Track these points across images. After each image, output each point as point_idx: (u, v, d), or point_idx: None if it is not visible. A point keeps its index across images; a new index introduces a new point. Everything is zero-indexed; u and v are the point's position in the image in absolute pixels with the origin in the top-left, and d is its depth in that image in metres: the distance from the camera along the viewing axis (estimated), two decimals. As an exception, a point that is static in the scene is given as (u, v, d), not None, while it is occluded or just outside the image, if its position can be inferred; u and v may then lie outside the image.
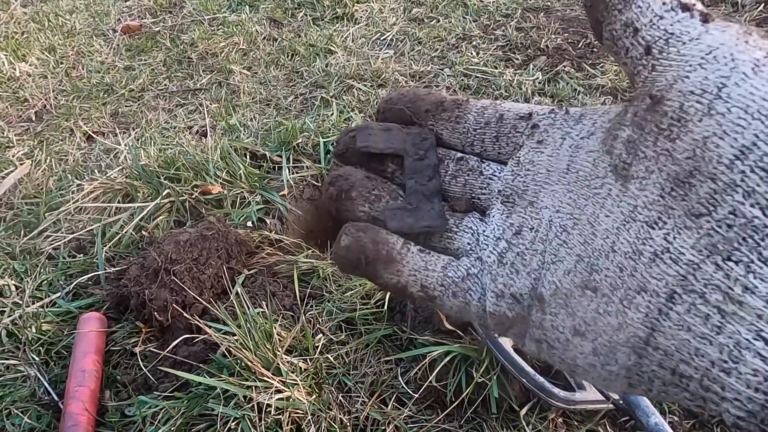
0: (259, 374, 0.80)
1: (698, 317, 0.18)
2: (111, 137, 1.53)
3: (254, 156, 1.33)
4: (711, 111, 0.18)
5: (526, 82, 1.52)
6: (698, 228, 0.19)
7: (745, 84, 0.18)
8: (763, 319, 0.17)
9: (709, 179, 0.18)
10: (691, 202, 0.19)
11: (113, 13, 2.22)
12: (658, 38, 0.21)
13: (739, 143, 0.18)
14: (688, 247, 0.19)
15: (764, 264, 0.17)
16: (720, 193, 0.18)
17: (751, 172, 0.18)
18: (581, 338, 0.22)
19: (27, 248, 1.16)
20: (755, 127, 0.18)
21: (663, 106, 0.20)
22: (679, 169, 0.19)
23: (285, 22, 2.02)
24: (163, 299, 0.93)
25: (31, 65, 1.91)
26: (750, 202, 0.18)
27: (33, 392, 0.89)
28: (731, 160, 0.18)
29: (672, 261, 0.19)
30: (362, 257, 0.26)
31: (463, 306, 0.25)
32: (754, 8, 1.70)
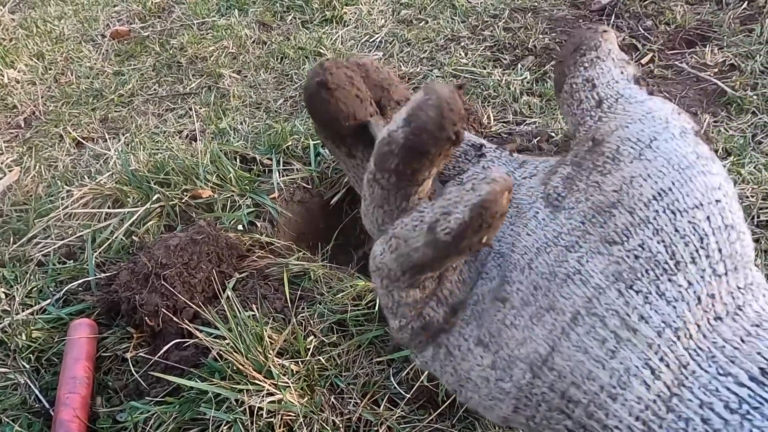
0: (251, 377, 0.80)
1: (596, 340, 0.19)
2: (100, 143, 1.53)
3: (244, 159, 1.33)
4: (641, 156, 0.21)
5: (515, 82, 1.53)
6: (609, 255, 0.20)
7: (672, 141, 0.21)
8: (652, 349, 0.19)
9: (627, 212, 0.20)
10: (608, 230, 0.21)
11: (102, 18, 2.21)
12: (610, 96, 0.24)
13: (658, 186, 0.20)
14: (598, 271, 0.20)
15: (660, 297, 0.19)
16: (634, 227, 0.20)
17: (663, 213, 0.20)
18: (483, 349, 0.22)
19: (16, 255, 1.15)
20: (673, 176, 0.20)
21: (602, 147, 0.22)
22: (603, 199, 0.21)
23: (274, 25, 2.02)
24: (153, 304, 0.92)
25: (20, 71, 1.91)
26: (657, 239, 0.20)
27: (24, 400, 0.88)
28: (649, 199, 0.20)
29: (581, 282, 0.20)
30: None
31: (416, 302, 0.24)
32: (738, 6, 1.71)
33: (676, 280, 0.19)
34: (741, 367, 0.18)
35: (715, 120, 1.34)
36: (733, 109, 1.37)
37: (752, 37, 1.58)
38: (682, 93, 1.44)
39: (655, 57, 1.59)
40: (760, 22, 1.62)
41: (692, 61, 1.55)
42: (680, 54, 1.60)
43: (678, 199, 0.20)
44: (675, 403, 0.18)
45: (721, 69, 1.51)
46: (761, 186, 1.14)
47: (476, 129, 1.29)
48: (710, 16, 1.71)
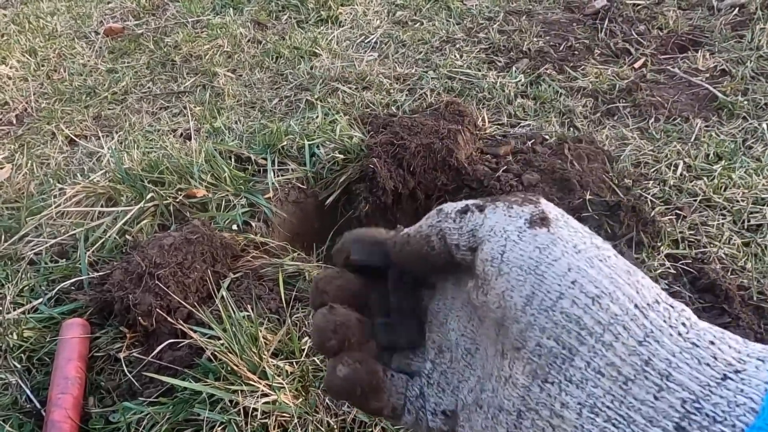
0: (245, 378, 0.79)
1: (538, 430, 0.22)
2: (94, 140, 1.52)
3: (239, 159, 1.33)
4: (501, 272, 0.24)
5: (509, 85, 1.54)
6: (522, 358, 0.23)
7: (516, 248, 0.24)
8: (578, 429, 0.21)
9: (515, 322, 0.23)
10: (511, 339, 0.24)
11: (95, 15, 2.20)
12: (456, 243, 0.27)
13: (524, 294, 0.23)
14: (520, 373, 0.23)
15: (569, 383, 0.22)
16: (525, 331, 0.23)
17: (538, 314, 0.22)
18: None
19: (8, 253, 1.14)
20: (530, 280, 0.23)
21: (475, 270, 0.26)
22: (495, 316, 0.24)
23: (269, 24, 2.02)
24: (147, 304, 0.92)
25: (12, 68, 1.89)
26: (546, 335, 0.22)
27: (15, 400, 0.87)
28: (523, 306, 0.23)
29: (513, 385, 0.23)
30: (359, 387, 0.29)
31: (415, 421, 0.29)
32: (730, 12, 1.73)
33: (576, 363, 0.22)
34: (659, 426, 0.20)
35: (706, 125, 1.36)
36: (725, 114, 1.38)
37: (743, 42, 1.60)
38: (674, 97, 1.45)
39: (648, 61, 1.61)
40: (750, 28, 1.64)
41: (684, 66, 1.56)
42: (672, 59, 1.62)
43: (543, 299, 0.22)
44: None
45: (712, 74, 1.53)
46: (751, 190, 1.15)
47: (471, 131, 1.29)
48: (702, 22, 1.73)
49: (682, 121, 1.37)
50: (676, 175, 1.22)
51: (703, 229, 1.09)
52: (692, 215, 1.12)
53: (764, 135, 1.29)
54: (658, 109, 1.42)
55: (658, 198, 1.17)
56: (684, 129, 1.34)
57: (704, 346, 0.21)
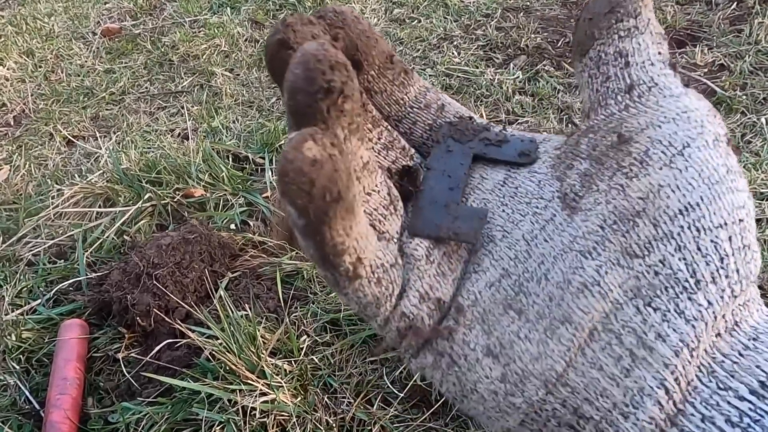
0: (244, 377, 0.79)
1: (611, 357, 0.19)
2: (91, 141, 1.52)
3: (237, 158, 1.33)
4: (672, 163, 0.20)
5: (507, 81, 1.54)
6: (629, 268, 0.19)
7: (705, 150, 0.20)
8: (668, 368, 0.18)
9: (652, 224, 0.19)
10: (630, 241, 0.19)
11: (93, 15, 2.19)
12: (643, 82, 0.22)
13: (686, 200, 0.19)
14: (617, 285, 0.19)
15: (679, 315, 0.18)
16: (657, 240, 0.19)
17: (687, 229, 0.19)
18: (493, 360, 0.20)
19: (6, 255, 1.14)
20: (702, 191, 0.19)
21: (629, 147, 0.21)
22: (627, 206, 0.20)
23: (267, 23, 2.02)
24: (145, 304, 0.92)
25: (9, 69, 1.89)
26: (679, 255, 0.19)
27: (13, 401, 0.87)
28: (675, 213, 0.19)
29: (600, 296, 0.19)
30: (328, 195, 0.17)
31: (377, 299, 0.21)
32: (728, 6, 1.73)
33: (696, 299, 0.19)
34: (741, 381, 0.18)
35: (705, 120, 1.35)
36: (723, 109, 1.38)
37: (741, 37, 1.59)
38: (673, 93, 1.45)
39: (647, 57, 1.60)
40: (749, 22, 1.63)
41: (682, 61, 1.56)
42: (671, 54, 1.61)
43: (704, 216, 0.19)
44: (679, 419, 0.18)
45: (710, 69, 1.52)
46: (750, 185, 1.15)
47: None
48: (700, 17, 1.72)
49: (680, 117, 1.37)
50: (674, 170, 1.21)
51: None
52: (691, 211, 1.12)
53: (763, 130, 1.29)
54: (657, 104, 1.41)
55: (656, 194, 1.16)
56: (682, 124, 1.34)
57: None
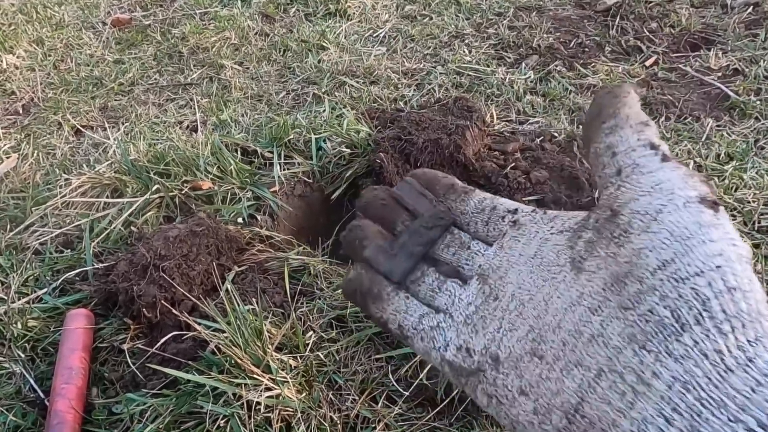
0: (249, 372, 0.79)
1: (617, 393, 0.22)
2: (100, 131, 1.51)
3: (245, 152, 1.32)
4: (648, 229, 0.24)
5: (518, 81, 1.53)
6: (625, 319, 0.23)
7: (675, 213, 0.24)
8: (664, 400, 0.21)
9: (637, 281, 0.23)
10: (623, 298, 0.23)
11: (103, 5, 2.19)
12: (627, 165, 0.27)
13: (662, 257, 0.23)
14: (616, 333, 0.23)
15: (669, 356, 0.22)
16: (644, 294, 0.23)
17: (667, 281, 0.22)
18: (525, 398, 0.26)
19: (13, 243, 1.14)
20: (675, 247, 0.23)
21: (618, 219, 0.25)
22: (618, 270, 0.24)
23: (277, 17, 2.01)
24: (151, 295, 0.92)
25: (19, 57, 1.89)
26: (663, 304, 0.22)
27: (18, 389, 0.87)
28: (654, 269, 0.23)
29: (603, 344, 0.23)
30: (358, 290, 0.33)
31: (428, 349, 0.31)
32: (743, 10, 1.71)
33: (683, 340, 0.21)
34: (751, 415, 0.19)
35: (718, 124, 1.34)
36: (737, 113, 1.36)
37: (757, 42, 1.58)
38: (686, 96, 1.43)
39: (660, 59, 1.59)
40: (765, 27, 1.62)
41: (696, 65, 1.54)
42: (684, 57, 1.60)
43: (680, 269, 0.22)
44: None
45: (725, 73, 1.51)
46: (763, 191, 1.14)
47: (479, 127, 1.28)
48: (715, 20, 1.71)
49: (693, 121, 1.36)
50: (686, 174, 1.20)
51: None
52: (702, 215, 1.11)
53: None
54: (669, 107, 1.40)
55: (667, 198, 1.15)
56: (695, 128, 1.33)
57: None
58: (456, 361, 0.29)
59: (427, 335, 0.31)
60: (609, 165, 0.27)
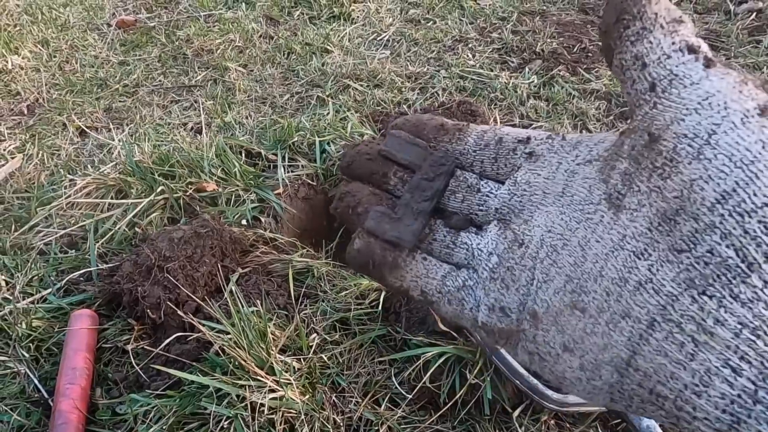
0: (253, 373, 0.79)
1: (674, 344, 0.20)
2: (104, 132, 1.52)
3: (249, 154, 1.33)
4: (700, 155, 0.20)
5: (522, 86, 1.53)
6: (679, 263, 0.20)
7: (732, 133, 0.20)
8: (730, 349, 0.19)
9: (692, 219, 0.20)
10: (675, 238, 0.21)
11: (108, 7, 2.20)
12: (663, 77, 0.22)
13: (721, 188, 0.20)
14: (669, 279, 0.21)
15: (734, 300, 0.19)
16: (701, 233, 0.20)
17: (729, 216, 0.19)
18: (570, 354, 0.24)
19: (18, 243, 1.15)
20: (736, 174, 0.19)
21: (659, 145, 0.21)
22: (667, 207, 0.21)
23: (281, 20, 2.02)
24: (156, 296, 0.92)
25: (24, 58, 1.89)
26: (726, 243, 0.19)
27: (23, 389, 0.88)
28: (713, 203, 0.20)
29: (654, 291, 0.21)
30: (371, 261, 0.29)
31: (457, 313, 0.28)
32: (747, 17, 1.72)
33: (750, 281, 0.19)
34: None
35: (721, 130, 1.34)
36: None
37: (760, 48, 1.58)
38: (689, 102, 1.44)
39: (663, 65, 1.59)
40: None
41: (699, 71, 1.55)
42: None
43: (744, 200, 0.19)
44: (762, 396, 0.18)
45: (728, 79, 1.51)
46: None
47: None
48: (718, 26, 1.71)
49: (696, 126, 1.36)
50: (689, 180, 1.21)
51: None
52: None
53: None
54: (672, 113, 1.40)
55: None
56: (698, 134, 1.33)
57: None
58: (491, 322, 0.26)
59: (455, 297, 0.28)
60: (639, 79, 0.23)
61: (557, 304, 0.24)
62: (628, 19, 0.23)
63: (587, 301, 0.23)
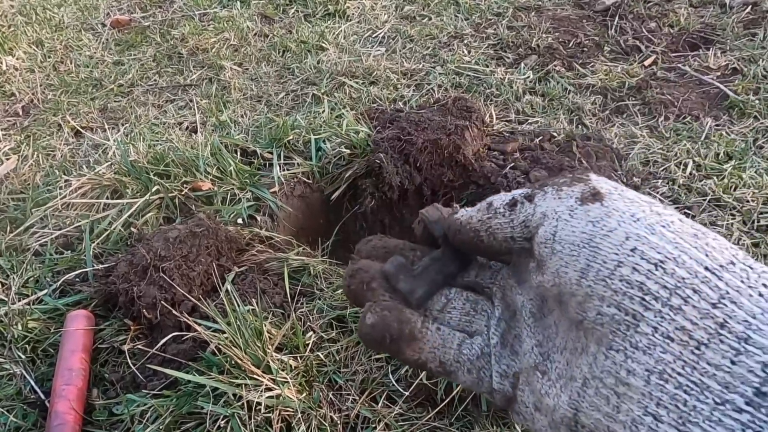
0: (249, 372, 0.79)
1: (602, 398, 0.22)
2: (99, 132, 1.52)
3: (245, 153, 1.32)
4: (553, 251, 0.24)
5: (517, 81, 1.53)
6: (585, 329, 0.23)
7: (567, 226, 0.24)
8: (646, 397, 0.20)
9: (571, 296, 0.23)
10: (571, 314, 0.23)
11: (102, 6, 2.19)
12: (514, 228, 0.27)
13: (578, 267, 0.23)
14: (590, 342, 0.23)
15: (636, 349, 0.21)
16: (583, 303, 0.23)
17: (595, 284, 0.22)
18: (540, 414, 0.26)
19: (13, 244, 1.14)
20: (584, 254, 0.23)
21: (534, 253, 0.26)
22: (553, 295, 0.24)
23: (276, 18, 2.01)
24: (151, 296, 0.92)
25: (18, 59, 1.89)
26: (606, 304, 0.22)
27: (19, 390, 0.87)
28: (578, 279, 0.23)
29: (582, 352, 0.23)
30: (387, 335, 0.29)
31: (476, 382, 0.29)
32: (742, 10, 1.71)
33: (641, 329, 0.21)
34: (736, 392, 0.18)
35: (717, 123, 1.34)
36: (735, 113, 1.36)
37: (755, 41, 1.58)
38: (685, 96, 1.43)
39: (659, 59, 1.59)
40: (763, 26, 1.62)
41: (695, 64, 1.55)
42: (683, 57, 1.60)
43: (599, 269, 0.22)
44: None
45: (723, 72, 1.51)
46: (762, 190, 1.14)
47: (479, 127, 1.28)
48: (714, 20, 1.71)
49: (692, 120, 1.36)
50: (685, 174, 1.20)
51: (712, 229, 1.08)
52: (701, 215, 1.11)
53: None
54: (668, 107, 1.40)
55: (667, 197, 1.16)
56: (694, 128, 1.33)
57: None
58: (503, 389, 0.28)
59: (474, 366, 0.29)
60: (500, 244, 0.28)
61: (528, 365, 0.27)
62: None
63: (550, 368, 0.25)
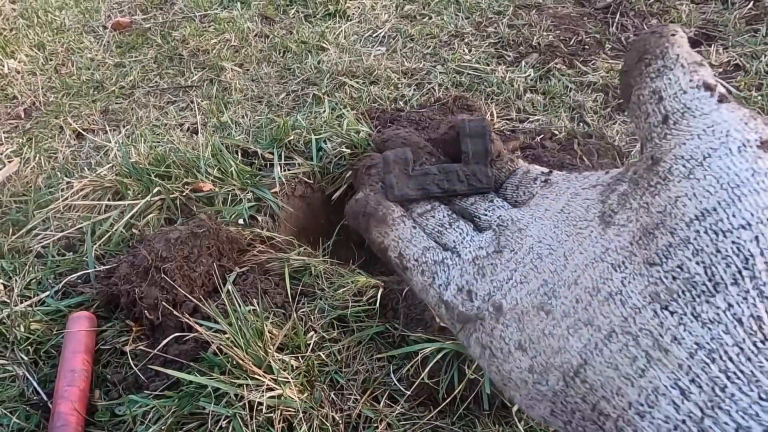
0: (251, 372, 0.79)
1: (627, 357, 0.20)
2: (101, 134, 1.52)
3: (246, 153, 1.33)
4: (690, 175, 0.21)
5: (518, 79, 1.52)
6: (649, 276, 0.20)
7: (726, 158, 0.20)
8: (682, 369, 0.19)
9: (669, 233, 0.20)
10: (650, 252, 0.21)
11: (103, 9, 2.20)
12: (676, 110, 0.23)
13: (702, 206, 0.20)
14: (637, 292, 0.20)
15: (695, 319, 0.19)
16: (674, 247, 0.20)
17: (704, 233, 0.19)
18: (522, 353, 0.24)
19: (15, 246, 1.15)
20: (720, 195, 0.20)
21: (658, 167, 0.22)
22: (649, 221, 0.21)
23: (277, 18, 2.01)
24: (153, 297, 0.92)
25: (20, 62, 1.89)
26: (696, 259, 0.19)
27: (22, 392, 0.88)
28: (691, 219, 0.20)
29: (621, 303, 0.21)
30: (363, 210, 0.31)
31: (426, 285, 0.29)
32: (744, 5, 1.71)
33: (714, 302, 0.19)
34: None
35: (719, 120, 1.33)
36: (738, 109, 1.36)
37: (758, 37, 1.57)
38: (687, 92, 1.43)
39: (660, 56, 1.58)
40: (765, 22, 1.61)
41: (697, 61, 1.54)
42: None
43: (722, 219, 0.19)
44: (708, 425, 0.18)
45: (726, 69, 1.50)
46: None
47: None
48: (716, 16, 1.70)
49: (694, 117, 1.35)
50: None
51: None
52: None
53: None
54: (670, 104, 1.40)
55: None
56: (696, 124, 1.32)
57: None
58: (454, 302, 0.27)
59: (429, 269, 0.29)
60: (654, 113, 0.23)
61: (526, 304, 0.24)
62: (650, 58, 0.24)
63: (554, 305, 0.23)
